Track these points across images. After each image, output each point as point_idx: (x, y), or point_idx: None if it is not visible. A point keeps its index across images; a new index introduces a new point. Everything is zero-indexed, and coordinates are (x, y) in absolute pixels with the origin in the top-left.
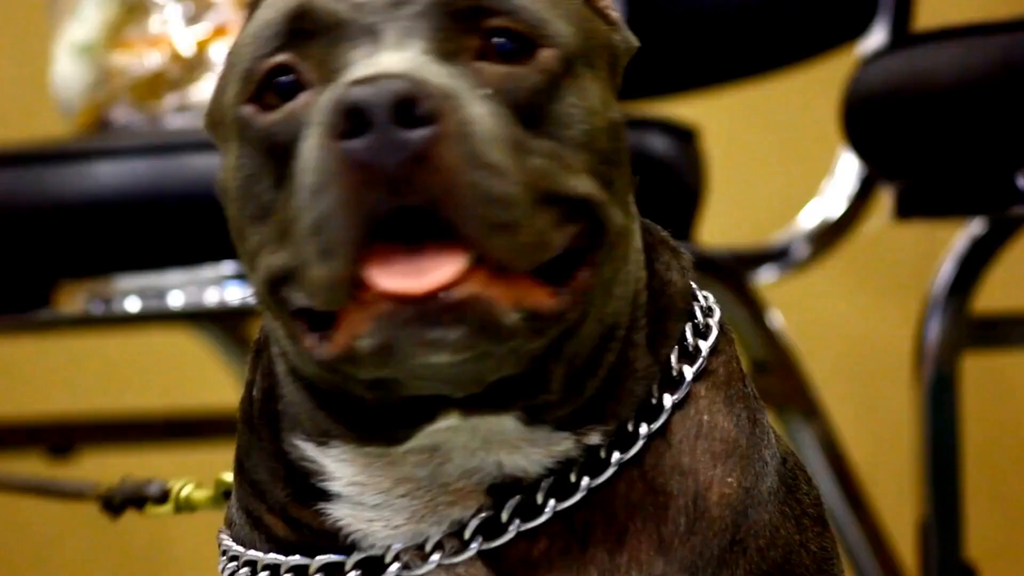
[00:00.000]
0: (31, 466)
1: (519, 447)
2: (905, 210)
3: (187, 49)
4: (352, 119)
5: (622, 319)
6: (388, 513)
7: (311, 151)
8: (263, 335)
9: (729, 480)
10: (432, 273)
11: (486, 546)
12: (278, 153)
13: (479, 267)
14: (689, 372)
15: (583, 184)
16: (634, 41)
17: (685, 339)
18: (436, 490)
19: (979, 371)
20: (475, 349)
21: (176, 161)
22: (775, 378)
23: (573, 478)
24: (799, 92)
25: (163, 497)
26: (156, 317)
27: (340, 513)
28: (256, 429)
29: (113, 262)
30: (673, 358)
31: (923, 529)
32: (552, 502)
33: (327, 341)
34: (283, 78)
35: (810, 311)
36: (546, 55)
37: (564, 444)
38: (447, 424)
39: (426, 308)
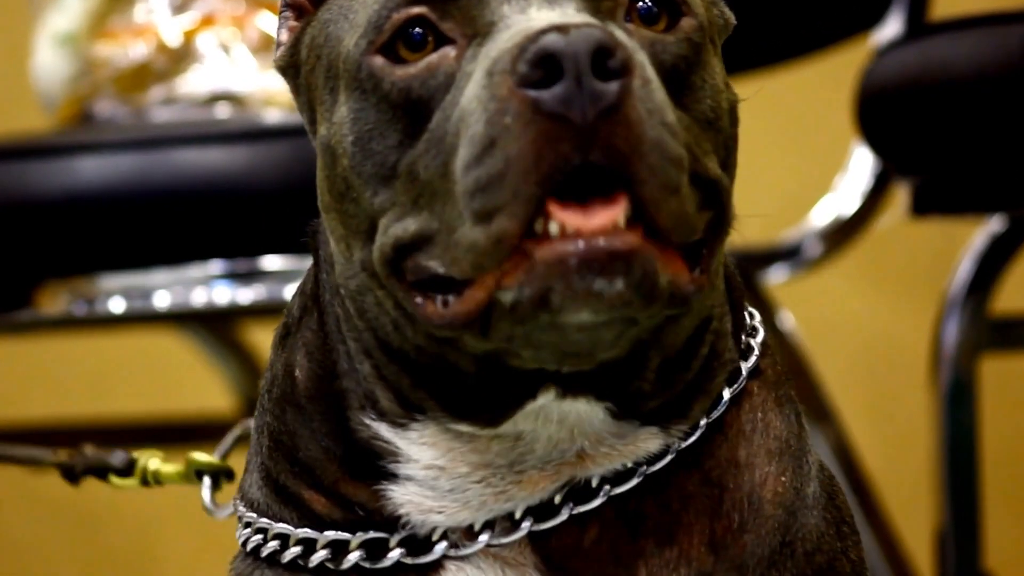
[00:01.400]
0: (8, 473)
1: (604, 439)
2: (921, 207)
3: (173, 39)
4: (545, 67)
5: (716, 310)
6: (458, 498)
7: (479, 102)
8: (290, 318)
9: (783, 479)
10: (603, 215)
11: (536, 528)
12: (413, 108)
13: (638, 225)
14: (745, 367)
15: (714, 167)
16: (732, 19)
17: (740, 334)
18: (511, 477)
19: (998, 374)
20: (627, 309)
21: (162, 156)
22: None
23: (629, 463)
24: (811, 84)
25: (128, 469)
26: (141, 318)
27: (403, 496)
28: (304, 408)
29: (96, 261)
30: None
31: (940, 538)
32: (607, 487)
33: (457, 301)
34: (415, 30)
35: (822, 312)
36: (688, 24)
37: (651, 441)
38: (543, 402)
39: (593, 252)
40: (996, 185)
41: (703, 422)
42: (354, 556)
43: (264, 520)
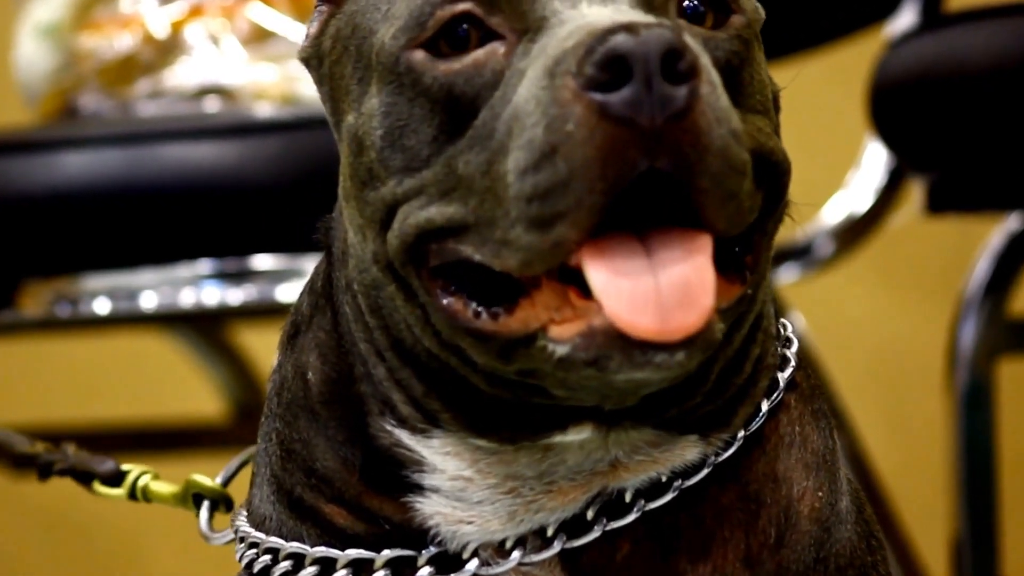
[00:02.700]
0: None
1: (640, 448)
2: (937, 204)
3: (161, 30)
4: (613, 69)
5: (766, 307)
6: (488, 510)
7: (537, 105)
8: (299, 316)
9: (819, 494)
10: (677, 315)
11: (569, 545)
12: (455, 105)
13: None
14: (782, 378)
15: (774, 144)
16: (762, 12)
17: (776, 346)
18: (540, 487)
19: (1016, 377)
20: (689, 367)
21: (149, 151)
22: None
23: (664, 477)
24: (822, 77)
25: (115, 479)
26: (127, 320)
27: (431, 508)
28: (318, 414)
29: (80, 260)
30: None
31: (956, 546)
32: (641, 501)
33: (488, 319)
34: (461, 27)
35: (834, 313)
36: (738, 20)
37: (690, 450)
38: (577, 438)
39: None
40: (1014, 181)
41: (741, 434)
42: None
43: (274, 540)
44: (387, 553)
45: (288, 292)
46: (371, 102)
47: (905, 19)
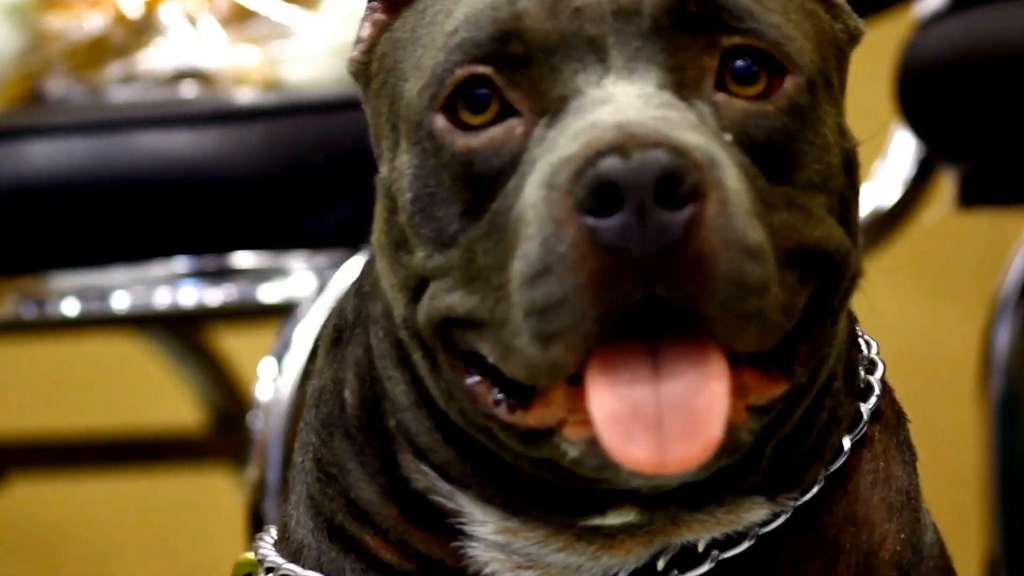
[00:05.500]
0: None
1: (701, 508)
2: (969, 197)
3: (134, 10)
4: (603, 196)
5: (838, 369)
6: (543, 561)
7: (536, 216)
8: (345, 319)
9: (901, 536)
10: (678, 447)
11: None
12: (475, 183)
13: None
14: (865, 410)
15: (825, 233)
16: (862, 26)
17: (857, 372)
18: (599, 541)
19: None
20: (707, 474)
21: (121, 140)
22: None
23: (733, 532)
24: None
25: None
26: (98, 322)
27: (486, 555)
28: (355, 438)
29: (48, 258)
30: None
31: (990, 565)
32: (715, 552)
33: (506, 409)
34: (480, 91)
35: (859, 313)
36: (791, 86)
37: (757, 512)
38: (618, 521)
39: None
40: None
41: (820, 476)
42: None
43: (311, 574)
44: None
45: (270, 292)
46: (402, 159)
47: None
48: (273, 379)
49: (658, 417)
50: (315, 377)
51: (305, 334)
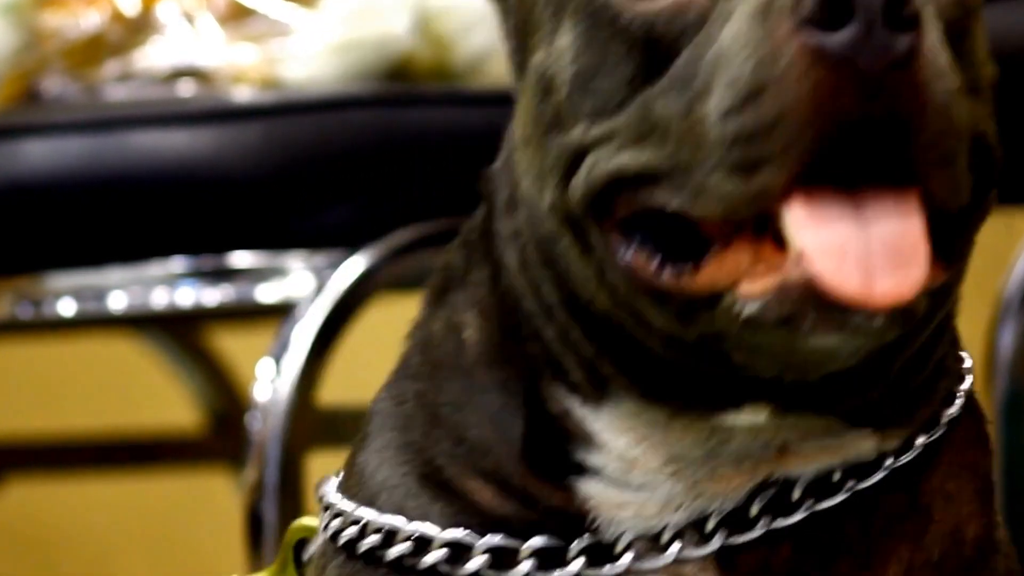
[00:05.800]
0: None
1: (812, 435)
2: None
3: (131, 8)
4: (834, 8)
5: (957, 305)
6: (647, 495)
7: (746, 43)
8: (451, 271)
9: (984, 520)
10: (886, 280)
11: (729, 542)
12: (654, 46)
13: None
14: (960, 390)
15: (985, 128)
16: None
17: (958, 355)
18: (703, 471)
19: None
20: (885, 339)
21: (118, 139)
22: None
23: (836, 476)
24: None
25: None
26: (94, 322)
27: (592, 490)
28: (475, 377)
29: (44, 257)
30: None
31: None
32: (810, 500)
33: (673, 273)
34: None
35: None
36: None
37: (864, 443)
38: (751, 419)
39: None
40: None
41: (920, 441)
42: (524, 567)
43: (390, 518)
44: (535, 542)
45: (269, 292)
46: (563, 39)
47: None
48: (271, 380)
49: (867, 247)
50: (415, 330)
51: (303, 334)
